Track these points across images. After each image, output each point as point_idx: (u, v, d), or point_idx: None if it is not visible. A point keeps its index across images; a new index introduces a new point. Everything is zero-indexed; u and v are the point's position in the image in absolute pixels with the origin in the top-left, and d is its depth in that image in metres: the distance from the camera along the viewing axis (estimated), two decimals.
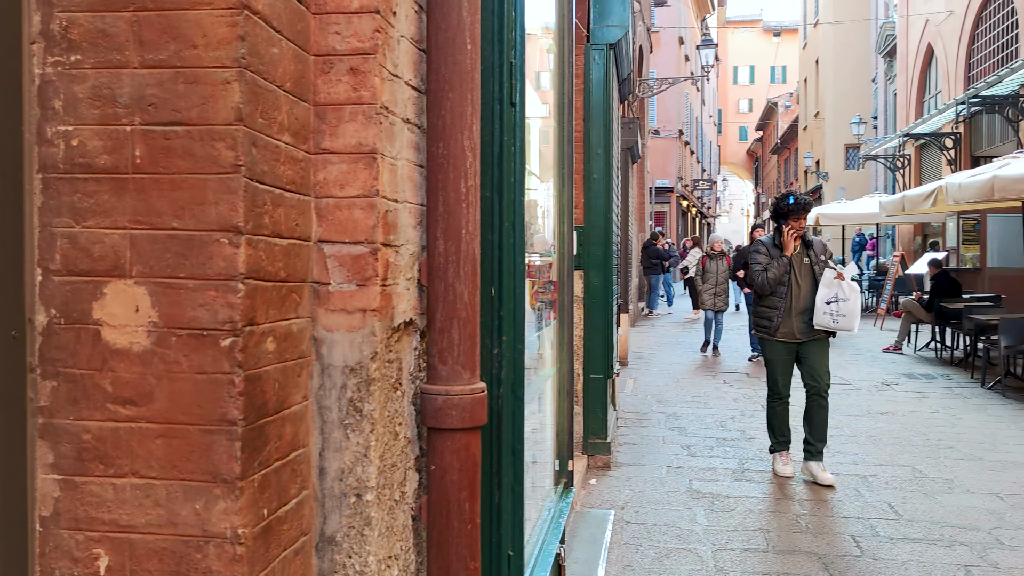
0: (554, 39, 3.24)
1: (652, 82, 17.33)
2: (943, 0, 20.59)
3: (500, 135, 1.96)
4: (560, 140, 3.29)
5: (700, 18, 39.46)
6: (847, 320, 5.60)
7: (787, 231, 5.79)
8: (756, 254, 5.95)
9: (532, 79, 3.07)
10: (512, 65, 1.98)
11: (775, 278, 5.75)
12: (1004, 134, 16.99)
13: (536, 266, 3.09)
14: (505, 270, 1.98)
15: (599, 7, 6.06)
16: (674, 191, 32.19)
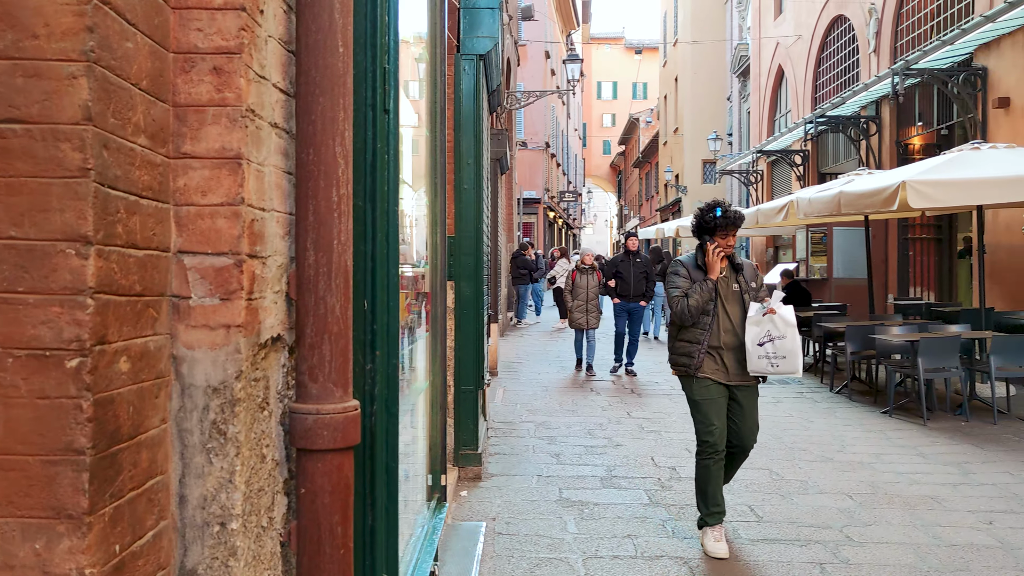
0: (426, 47, 3.19)
1: (520, 94, 17.52)
2: (792, 25, 21.77)
3: (373, 142, 1.90)
4: (432, 149, 3.24)
5: (565, 34, 40.27)
6: (788, 362, 4.62)
7: (712, 249, 4.74)
8: (674, 276, 4.84)
9: (404, 87, 3.02)
10: (386, 70, 1.92)
11: (697, 306, 4.65)
12: (847, 152, 18.11)
13: (409, 277, 3.03)
14: (379, 282, 1.91)
15: (469, 18, 6.06)
16: (541, 202, 32.64)
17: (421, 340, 3.31)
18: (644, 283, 11.49)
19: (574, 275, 11.70)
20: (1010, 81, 11.82)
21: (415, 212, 3.18)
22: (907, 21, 15.51)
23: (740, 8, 29.76)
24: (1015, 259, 11.66)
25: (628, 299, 11.43)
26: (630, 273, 11.42)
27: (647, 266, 11.71)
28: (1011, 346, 8.28)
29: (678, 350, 4.85)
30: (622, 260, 11.71)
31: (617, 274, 11.50)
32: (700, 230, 4.86)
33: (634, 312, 11.49)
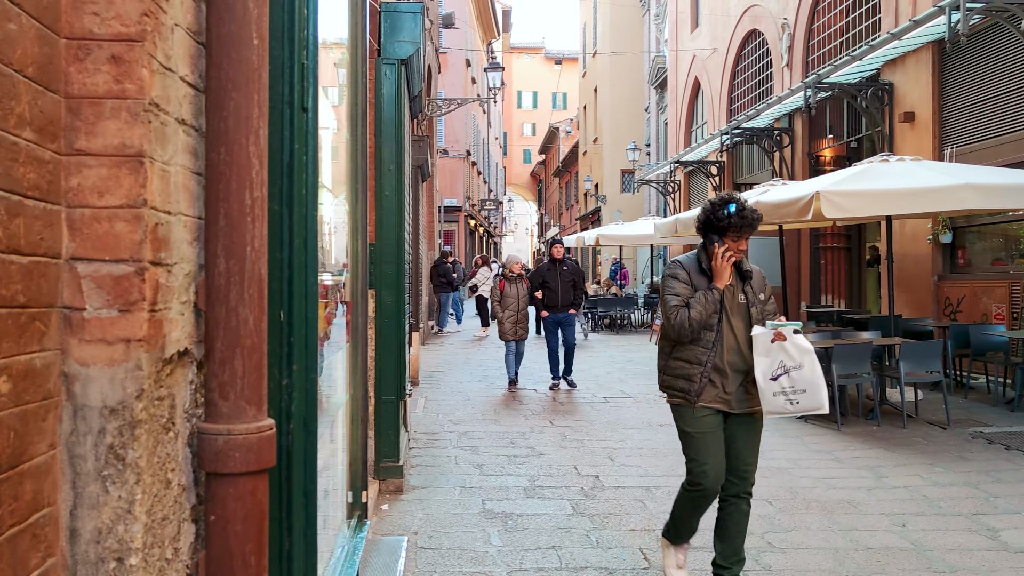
0: (348, 49, 3.08)
1: (441, 102, 17.42)
2: (708, 38, 22.23)
3: (291, 142, 1.78)
4: (353, 154, 3.12)
5: (486, 42, 40.35)
6: (809, 396, 3.88)
7: (721, 253, 3.90)
8: (673, 281, 4.02)
9: (325, 91, 2.90)
10: (304, 67, 1.81)
11: (700, 319, 3.85)
12: (762, 163, 18.54)
13: (329, 286, 2.90)
14: (296, 291, 1.79)
15: (390, 22, 5.94)
16: (462, 210, 32.56)
17: (341, 351, 3.18)
18: (572, 291, 10.91)
19: (502, 285, 11.12)
20: (914, 96, 12.26)
21: (335, 218, 3.06)
22: (818, 36, 15.98)
23: (658, 21, 30.27)
24: (920, 268, 12.08)
25: (556, 309, 10.86)
26: (557, 282, 10.86)
27: (575, 273, 11.15)
28: (919, 352, 8.54)
29: (674, 371, 4.02)
30: (548, 269, 11.06)
31: (543, 284, 10.95)
32: (708, 228, 4.01)
33: (564, 322, 10.90)
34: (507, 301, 11.00)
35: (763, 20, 18.44)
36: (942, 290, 11.75)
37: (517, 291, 10.97)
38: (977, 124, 11.08)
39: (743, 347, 3.96)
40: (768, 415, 4.00)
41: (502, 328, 11.05)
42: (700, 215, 4.05)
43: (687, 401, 3.97)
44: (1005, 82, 10.49)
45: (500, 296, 11.06)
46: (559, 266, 11.00)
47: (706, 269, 3.99)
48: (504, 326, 11.02)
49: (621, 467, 6.82)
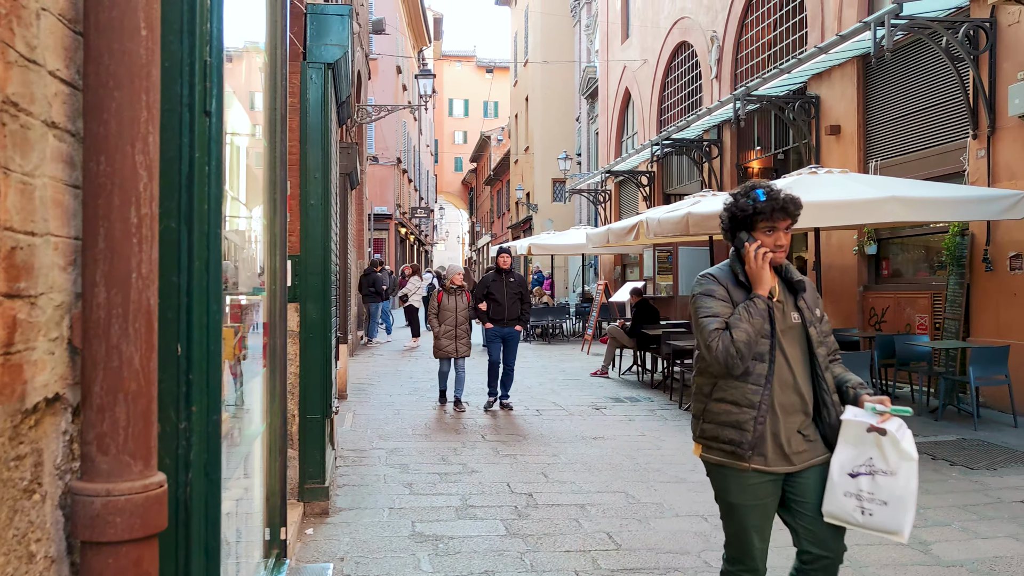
0: (266, 49, 2.86)
1: (371, 108, 17.12)
2: (638, 49, 22.39)
3: (190, 151, 1.56)
4: (272, 162, 2.90)
5: (417, 49, 40.07)
6: (890, 513, 2.93)
7: (754, 250, 3.05)
8: (706, 299, 3.10)
9: (240, 92, 2.68)
10: (207, 64, 1.59)
11: (748, 340, 2.96)
12: (691, 174, 18.71)
13: (243, 306, 2.67)
14: (196, 321, 1.57)
15: (317, 24, 5.70)
16: (393, 218, 32.18)
17: (258, 377, 2.94)
18: (519, 305, 10.23)
19: (440, 296, 10.19)
20: (840, 110, 12.47)
21: (250, 232, 2.83)
22: (746, 49, 16.18)
23: (588, 32, 30.44)
24: (846, 278, 12.27)
25: (502, 323, 10.13)
26: (503, 294, 10.14)
27: (522, 285, 10.45)
28: (848, 363, 8.58)
29: (717, 416, 3.05)
30: (494, 280, 10.30)
31: (489, 295, 10.23)
32: (734, 226, 3.14)
33: (509, 338, 10.18)
34: (445, 315, 10.11)
35: (692, 32, 18.62)
36: (867, 300, 11.94)
37: (456, 304, 10.09)
38: (900, 137, 11.30)
39: (800, 382, 3.07)
40: (827, 516, 3.02)
41: (438, 344, 10.14)
42: (722, 213, 3.20)
43: (736, 458, 3.02)
44: (927, 97, 10.72)
45: (437, 309, 10.15)
46: (506, 277, 10.28)
47: (744, 280, 3.09)
48: (440, 342, 10.11)
49: (555, 483, 6.67)
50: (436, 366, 10.85)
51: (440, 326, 10.10)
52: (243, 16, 2.76)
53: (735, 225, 3.15)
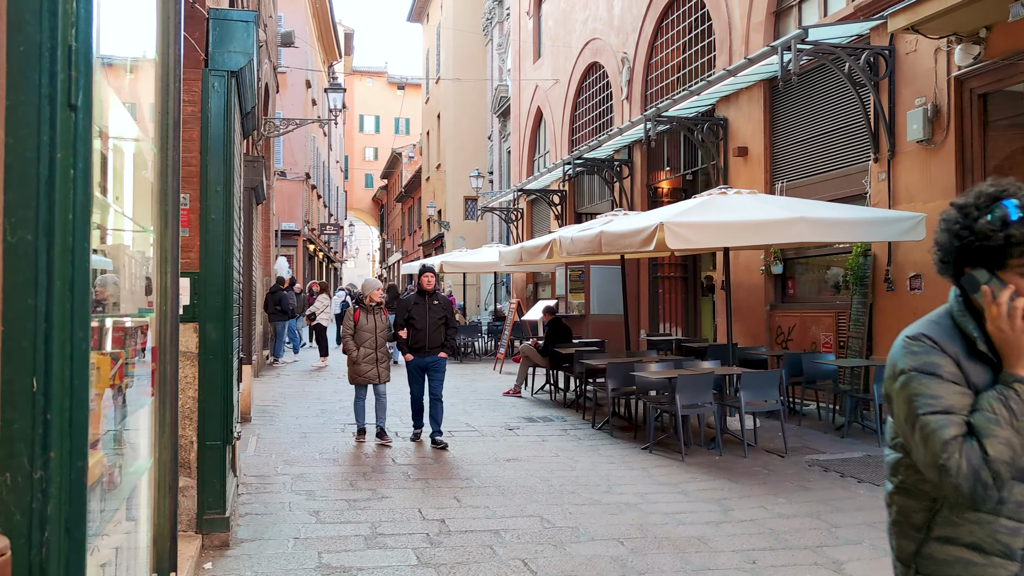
0: (157, 47, 2.61)
1: (279, 122, 16.70)
2: (550, 69, 22.52)
3: (51, 150, 1.33)
4: (163, 171, 2.65)
5: (327, 64, 39.52)
6: None
7: (1007, 302, 1.87)
8: (927, 380, 1.90)
9: (126, 92, 2.44)
10: (73, 50, 1.37)
11: (1011, 460, 1.82)
12: (602, 193, 18.85)
13: (127, 329, 2.42)
14: (57, 351, 1.34)
15: (219, 30, 5.43)
16: (301, 234, 31.51)
17: (144, 408, 2.68)
18: (443, 330, 9.12)
19: (357, 315, 9.14)
20: (747, 132, 12.72)
21: (136, 247, 2.57)
22: (656, 71, 16.42)
23: (500, 51, 30.53)
24: (754, 297, 12.48)
25: (423, 352, 9.02)
26: (425, 318, 9.03)
27: (447, 308, 9.27)
28: (758, 382, 8.70)
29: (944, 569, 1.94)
30: (415, 302, 9.17)
31: (409, 320, 9.12)
32: (965, 256, 1.97)
33: (433, 367, 9.06)
34: (363, 336, 9.07)
35: (604, 53, 18.82)
36: (774, 319, 12.16)
37: (375, 324, 9.12)
38: (805, 160, 11.57)
39: None
40: None
41: (355, 369, 9.11)
42: (939, 236, 2.03)
43: None
44: (831, 120, 11.01)
45: (354, 329, 9.10)
46: (428, 299, 9.15)
47: (986, 349, 1.93)
48: (358, 367, 9.07)
49: (468, 508, 6.48)
50: (346, 386, 10.36)
51: (357, 349, 9.08)
52: (130, 10, 2.53)
53: (964, 257, 1.96)
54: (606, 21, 18.65)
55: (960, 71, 8.65)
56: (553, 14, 22.47)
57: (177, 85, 2.67)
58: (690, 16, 15.05)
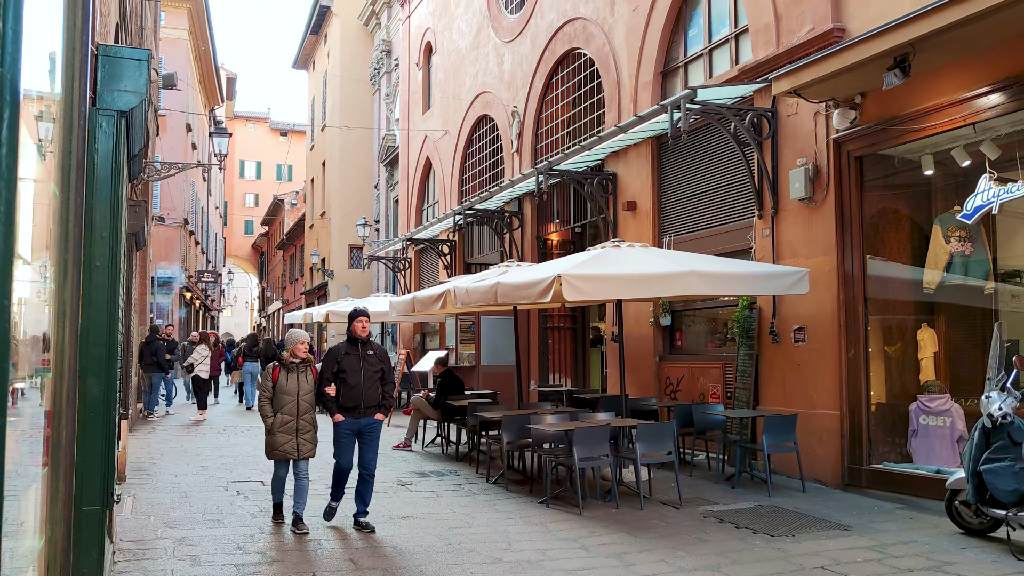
0: (62, 88, 2.41)
1: (159, 165, 16.09)
2: (440, 120, 22.63)
3: None
4: (63, 216, 2.43)
5: (209, 108, 38.60)
6: None
7: None
8: None
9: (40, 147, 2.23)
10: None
11: None
12: (492, 244, 18.92)
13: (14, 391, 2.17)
14: None
15: (109, 67, 5.15)
16: (177, 282, 30.32)
17: (36, 481, 2.41)
18: (379, 387, 7.73)
19: (276, 374, 7.56)
20: (636, 187, 13.04)
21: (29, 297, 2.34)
22: (546, 125, 16.71)
23: (389, 100, 30.53)
24: (643, 348, 12.68)
25: (357, 413, 7.60)
26: (360, 373, 7.63)
27: (384, 360, 7.92)
28: (653, 433, 8.78)
29: None
30: (347, 352, 7.72)
31: (339, 374, 7.66)
32: None
33: (368, 432, 7.67)
34: (283, 400, 7.48)
35: (494, 106, 19.05)
36: (663, 370, 12.37)
37: (299, 385, 7.52)
38: (693, 214, 11.93)
39: None
40: None
41: (271, 441, 7.50)
42: None
43: None
44: (717, 177, 11.41)
45: (272, 391, 7.52)
46: (362, 349, 7.76)
47: None
48: (274, 437, 7.47)
49: (365, 571, 6.21)
50: (228, 440, 9.86)
51: (275, 415, 7.48)
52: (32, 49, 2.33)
53: None
54: (496, 75, 18.91)
55: (838, 134, 9.12)
56: (443, 66, 22.66)
57: (82, 123, 2.47)
58: (580, 73, 15.43)
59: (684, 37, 12.54)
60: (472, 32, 20.53)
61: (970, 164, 8.18)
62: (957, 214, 8.13)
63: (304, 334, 7.80)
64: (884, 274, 9.32)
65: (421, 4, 24.80)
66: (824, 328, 9.33)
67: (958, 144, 8.25)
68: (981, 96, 7.68)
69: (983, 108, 7.71)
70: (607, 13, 14.11)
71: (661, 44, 12.68)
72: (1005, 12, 6.52)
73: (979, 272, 8.70)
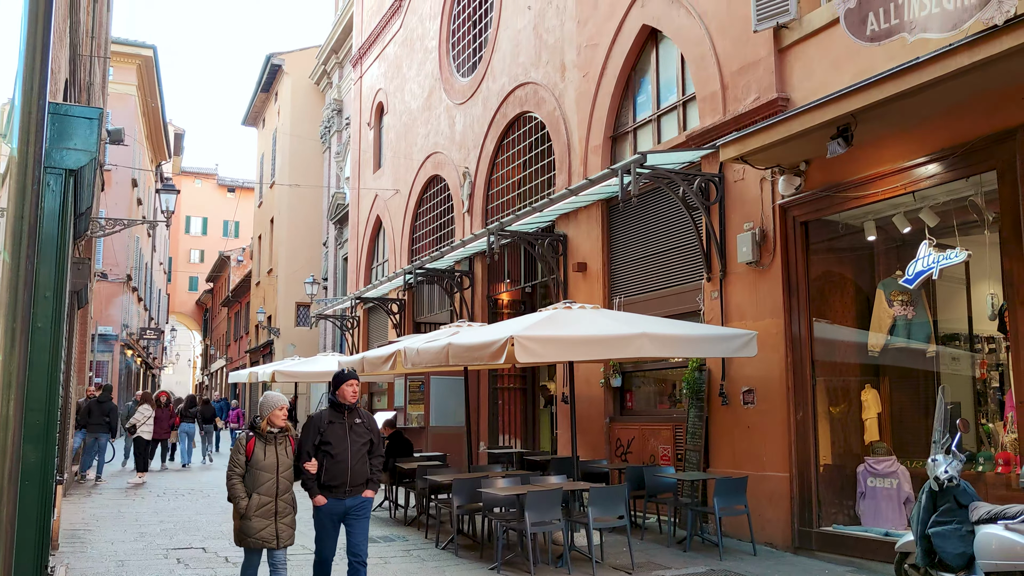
0: (16, 146, 2.36)
1: (103, 221, 15.82)
2: (391, 179, 22.70)
3: None
4: (13, 283, 2.35)
5: (156, 163, 38.24)
6: None
7: None
8: None
9: None
10: None
11: None
12: (442, 303, 18.87)
13: None
14: None
15: (59, 125, 5.08)
16: (119, 340, 29.61)
17: None
18: (367, 461, 6.68)
19: (251, 446, 6.31)
20: (586, 248, 13.17)
21: None
22: (497, 187, 16.86)
23: (339, 159, 30.59)
24: (594, 410, 12.67)
25: (342, 493, 6.52)
26: (346, 445, 6.55)
27: (372, 430, 6.84)
28: (605, 497, 8.72)
29: None
30: (331, 421, 6.62)
31: (323, 447, 6.54)
32: None
33: (356, 513, 6.61)
34: (259, 478, 6.24)
35: (445, 167, 19.18)
36: (614, 431, 12.36)
37: (278, 459, 6.32)
38: (642, 276, 12.06)
39: None
40: None
41: (244, 526, 6.21)
42: None
43: None
44: (666, 240, 11.58)
45: (245, 467, 6.27)
46: (349, 418, 6.66)
47: None
48: (249, 523, 6.19)
49: None
50: (168, 505, 9.44)
51: (251, 496, 6.21)
52: None
53: None
54: (448, 136, 19.09)
55: (784, 199, 9.35)
56: (395, 126, 22.81)
57: (37, 188, 2.41)
58: (531, 136, 15.65)
59: (633, 103, 12.83)
60: (424, 94, 20.75)
61: (911, 230, 8.43)
62: (899, 279, 8.35)
63: (282, 398, 6.56)
64: (830, 336, 9.49)
65: (373, 65, 25.03)
66: (773, 390, 9.43)
67: (899, 211, 8.51)
68: (919, 166, 7.96)
69: (921, 177, 7.98)
70: (558, 79, 14.39)
71: (611, 109, 12.94)
72: (937, 88, 6.80)
73: (921, 335, 8.92)
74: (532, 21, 15.46)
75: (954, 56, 6.42)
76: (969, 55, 6.32)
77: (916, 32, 6.86)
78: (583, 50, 13.66)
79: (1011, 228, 7.27)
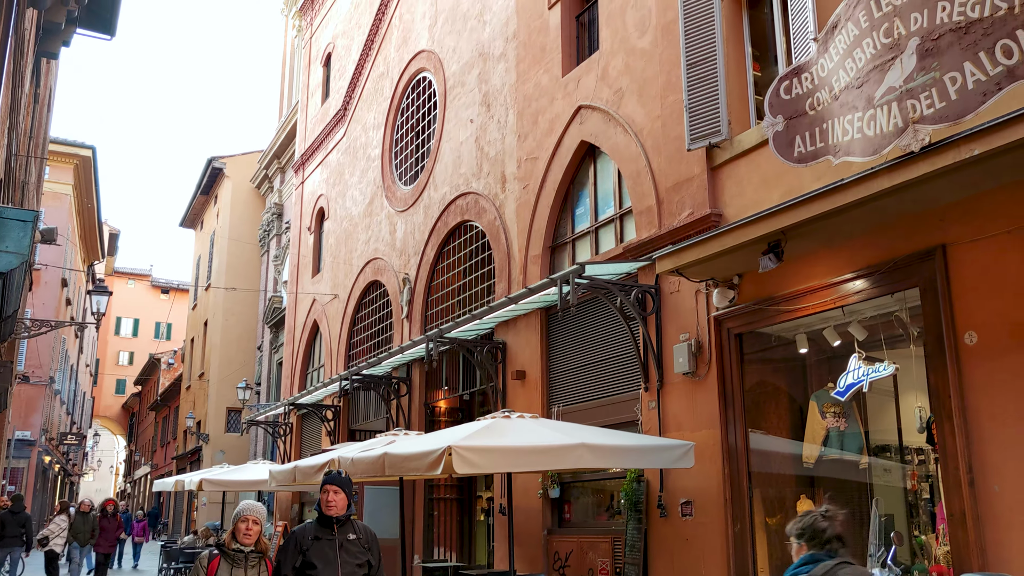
0: None
1: (28, 322, 15.36)
2: (329, 284, 22.61)
3: None
4: None
5: (88, 263, 37.55)
6: None
7: None
8: None
9: None
10: None
11: None
12: (378, 410, 18.57)
13: None
14: None
15: None
16: (37, 445, 28.33)
17: None
18: None
19: (214, 567, 5.23)
20: (525, 356, 13.19)
21: None
22: (437, 293, 16.90)
23: (277, 262, 30.44)
24: (532, 521, 12.44)
25: None
26: (336, 566, 5.49)
27: (371, 549, 5.85)
28: None
29: None
30: (315, 538, 5.57)
31: (307, 571, 5.46)
32: None
33: None
34: None
35: (385, 273, 19.21)
36: (552, 544, 12.12)
37: None
38: (581, 385, 12.08)
39: None
40: None
41: None
42: None
43: None
44: (605, 350, 11.67)
45: None
46: (340, 534, 5.63)
47: None
48: None
49: None
50: None
51: None
52: None
53: None
54: (388, 243, 19.20)
55: (718, 311, 9.56)
56: (335, 232, 22.88)
57: None
58: (471, 244, 15.83)
59: (572, 215, 13.12)
60: (366, 200, 20.94)
61: (841, 343, 8.65)
62: (831, 391, 8.52)
63: (259, 507, 5.47)
64: (766, 447, 9.56)
65: (316, 171, 25.26)
66: (711, 502, 9.41)
67: (829, 325, 8.75)
68: (848, 281, 8.24)
69: (850, 292, 8.26)
70: (498, 189, 14.69)
71: (550, 220, 13.21)
72: (861, 208, 7.12)
73: (854, 446, 9.04)
74: (474, 134, 15.85)
75: (875, 179, 6.75)
76: (889, 178, 6.65)
77: (840, 155, 7.20)
78: (523, 163, 14.01)
79: (935, 343, 7.51)
